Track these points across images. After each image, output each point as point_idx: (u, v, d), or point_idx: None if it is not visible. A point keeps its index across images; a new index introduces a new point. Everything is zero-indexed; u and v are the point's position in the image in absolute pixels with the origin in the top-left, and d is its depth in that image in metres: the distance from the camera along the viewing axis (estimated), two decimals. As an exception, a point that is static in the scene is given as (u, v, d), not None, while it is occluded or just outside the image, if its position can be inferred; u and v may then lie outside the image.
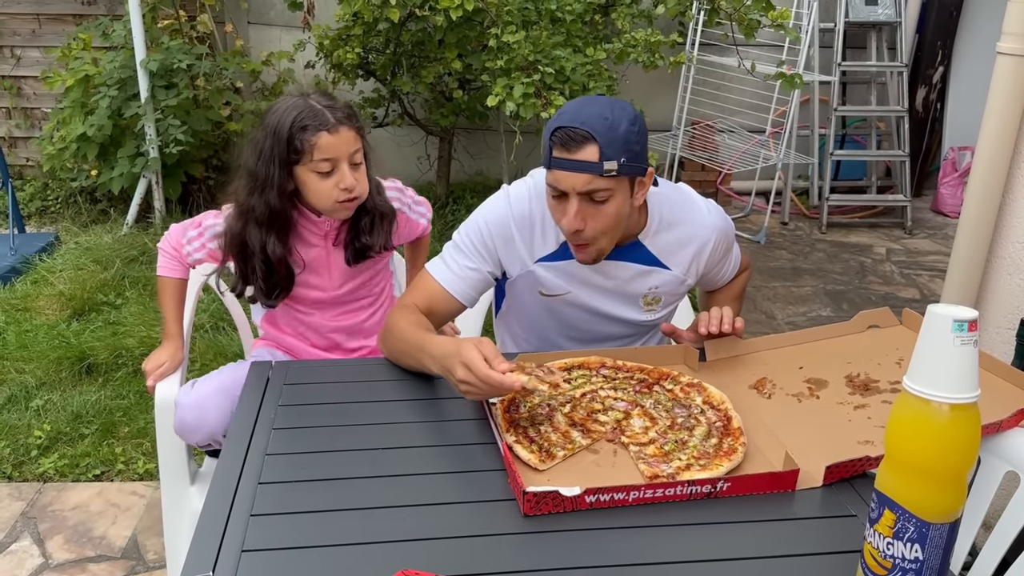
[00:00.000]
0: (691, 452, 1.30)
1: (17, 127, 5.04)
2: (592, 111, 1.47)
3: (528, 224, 1.67)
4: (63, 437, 2.75)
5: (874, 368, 1.54)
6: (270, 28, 4.91)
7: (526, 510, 1.16)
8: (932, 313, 0.92)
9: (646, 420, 1.40)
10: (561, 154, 1.47)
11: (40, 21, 4.86)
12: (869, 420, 1.38)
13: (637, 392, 1.48)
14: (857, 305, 3.91)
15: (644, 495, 1.19)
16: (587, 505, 1.17)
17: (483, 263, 1.69)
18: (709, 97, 4.84)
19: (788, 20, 3.54)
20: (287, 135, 1.64)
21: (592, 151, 1.45)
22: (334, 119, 1.65)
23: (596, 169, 1.46)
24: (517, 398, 1.44)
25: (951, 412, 0.91)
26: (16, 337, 3.30)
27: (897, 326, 1.69)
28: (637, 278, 1.70)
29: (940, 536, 0.94)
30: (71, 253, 4.08)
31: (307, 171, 1.68)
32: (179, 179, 4.46)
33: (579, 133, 1.45)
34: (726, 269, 1.86)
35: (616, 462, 1.29)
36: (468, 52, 3.92)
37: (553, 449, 1.30)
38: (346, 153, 1.68)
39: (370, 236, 1.82)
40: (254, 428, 1.37)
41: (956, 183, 5.10)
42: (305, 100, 1.68)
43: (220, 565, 1.05)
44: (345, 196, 1.69)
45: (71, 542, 2.33)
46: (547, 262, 1.68)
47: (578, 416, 1.40)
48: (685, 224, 1.71)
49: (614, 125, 1.46)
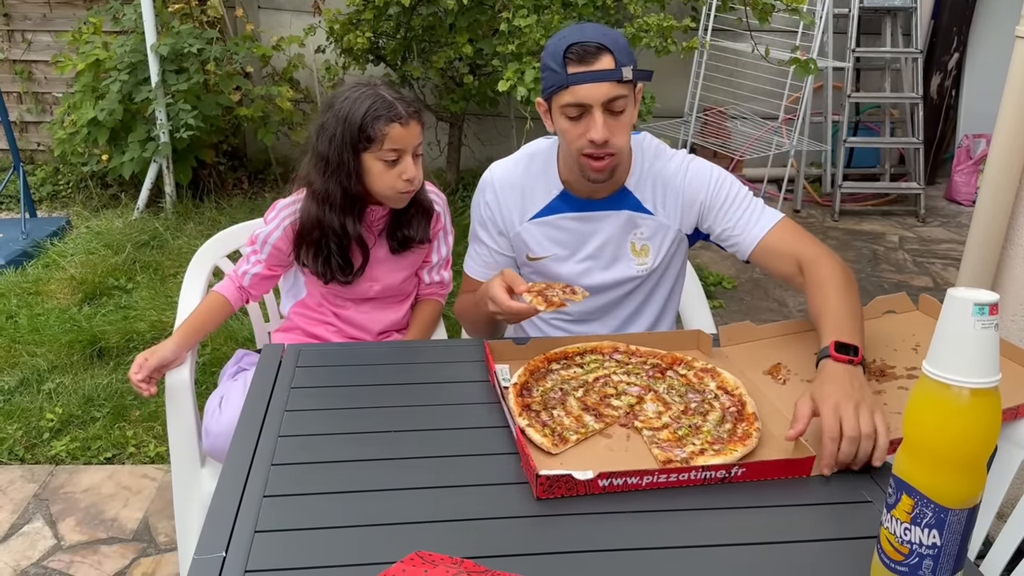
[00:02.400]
0: (705, 437, 1.29)
1: (28, 112, 5.04)
2: (592, 29, 1.55)
3: (517, 187, 1.75)
4: (75, 420, 2.77)
5: (890, 354, 1.52)
6: (280, 13, 4.89)
7: (539, 493, 1.15)
8: (952, 297, 0.91)
9: (659, 405, 1.39)
10: (579, 68, 1.52)
11: (51, 5, 4.85)
12: (886, 406, 1.35)
13: (650, 377, 1.47)
14: (870, 293, 3.87)
15: (658, 480, 1.18)
16: (600, 489, 1.17)
17: (489, 246, 1.81)
18: (722, 83, 4.81)
19: (803, 5, 3.51)
20: (360, 123, 1.69)
21: (608, 60, 1.52)
22: (405, 112, 1.71)
23: (616, 76, 1.52)
24: (530, 382, 1.43)
25: (971, 397, 0.89)
26: (28, 321, 3.31)
27: (914, 311, 1.67)
28: (624, 226, 1.73)
29: (958, 522, 0.93)
30: (82, 237, 4.09)
31: (373, 159, 1.73)
32: (189, 164, 4.47)
33: (593, 45, 1.51)
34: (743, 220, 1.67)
35: (629, 447, 1.29)
36: (479, 37, 3.90)
37: (566, 433, 1.30)
38: (412, 145, 1.74)
39: (411, 228, 1.88)
40: (267, 410, 1.37)
41: (970, 171, 5.06)
42: (375, 90, 1.72)
43: (233, 546, 1.05)
44: (406, 187, 1.76)
45: (83, 524, 2.34)
46: (537, 218, 1.75)
47: (591, 401, 1.39)
48: (661, 167, 1.72)
49: (616, 37, 1.55)
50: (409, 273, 1.96)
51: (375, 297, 1.93)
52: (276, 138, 4.57)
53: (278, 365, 1.53)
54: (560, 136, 1.65)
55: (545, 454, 1.25)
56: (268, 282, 1.90)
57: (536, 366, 1.48)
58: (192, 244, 4.00)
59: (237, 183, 4.82)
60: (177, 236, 4.11)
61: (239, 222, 2.18)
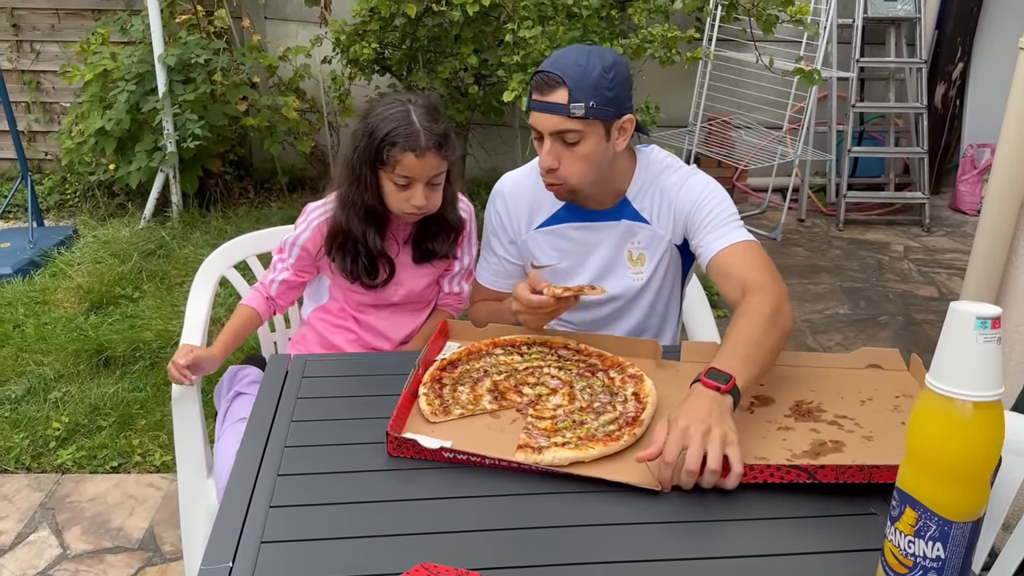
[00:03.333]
0: (579, 432, 1.32)
1: (36, 121, 5.07)
2: (569, 58, 1.57)
3: (526, 196, 1.80)
4: (81, 429, 2.78)
5: (833, 400, 1.43)
6: (287, 23, 4.92)
7: (390, 450, 1.28)
8: (954, 310, 0.91)
9: (564, 399, 1.42)
10: (536, 96, 1.59)
11: (59, 16, 4.89)
12: (783, 442, 1.31)
13: (578, 374, 1.50)
14: (874, 303, 3.89)
15: (499, 463, 1.25)
16: (444, 458, 1.26)
17: (499, 254, 1.86)
18: (726, 93, 4.82)
19: (807, 16, 3.52)
20: (378, 143, 1.70)
21: (562, 94, 1.55)
22: (425, 144, 1.68)
23: (563, 111, 1.56)
24: (461, 360, 1.53)
25: (974, 410, 0.90)
26: (35, 329, 3.33)
27: (902, 371, 1.54)
28: (622, 235, 1.76)
29: (962, 535, 0.93)
30: (89, 246, 4.11)
31: (386, 178, 1.75)
32: (196, 173, 4.49)
33: (551, 77, 1.56)
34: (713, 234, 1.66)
35: (506, 428, 1.35)
36: (484, 47, 3.91)
37: (452, 407, 1.37)
38: (425, 176, 1.72)
39: (434, 242, 1.89)
40: (273, 420, 1.38)
41: (975, 180, 5.06)
42: (408, 112, 1.70)
43: (240, 556, 1.06)
44: (413, 210, 1.76)
45: (89, 533, 2.35)
46: (543, 227, 1.80)
47: (504, 386, 1.45)
48: (663, 180, 1.74)
49: (587, 71, 1.55)
50: (431, 280, 1.98)
51: (398, 303, 1.94)
52: (282, 148, 4.59)
53: (284, 375, 1.54)
54: None
55: (424, 421, 1.35)
56: (294, 291, 1.93)
57: (479, 348, 1.57)
58: (198, 253, 4.01)
59: (243, 192, 4.84)
60: (183, 245, 4.13)
61: (245, 231, 2.19)
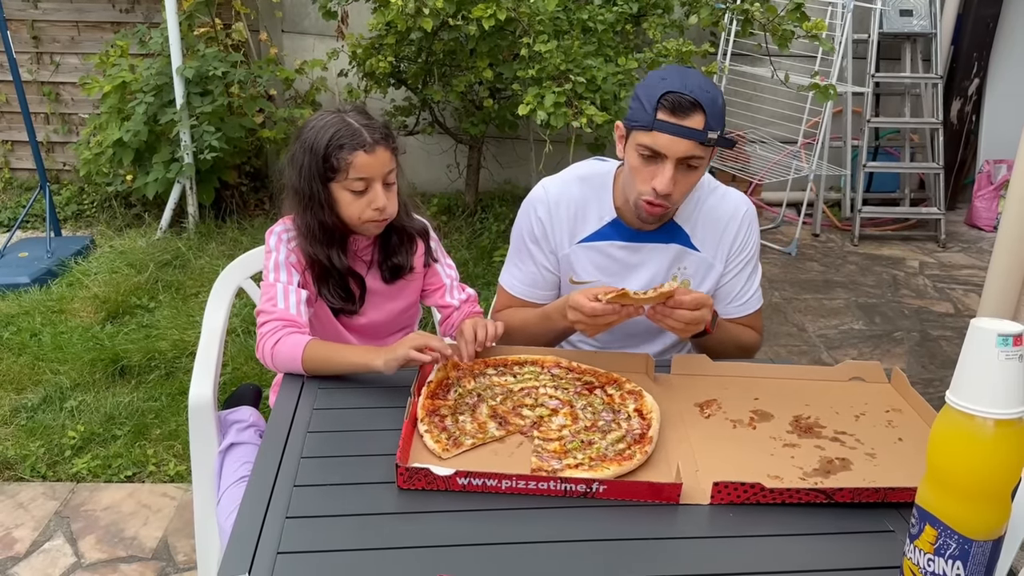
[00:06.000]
0: (590, 453, 1.31)
1: (55, 132, 5.13)
2: (695, 81, 1.51)
3: (571, 207, 1.74)
4: (96, 438, 2.79)
5: (830, 416, 1.48)
6: (304, 37, 4.96)
7: (399, 483, 1.22)
8: (976, 327, 0.91)
9: (568, 419, 1.41)
10: (668, 118, 1.51)
11: (79, 28, 4.95)
12: (792, 459, 1.34)
13: (576, 393, 1.49)
14: (890, 319, 3.87)
15: (516, 485, 1.22)
16: (459, 487, 1.22)
17: (538, 262, 1.78)
18: (740, 107, 4.82)
19: (823, 31, 3.52)
20: (323, 152, 1.62)
21: (699, 120, 1.50)
22: (371, 139, 1.62)
23: (700, 137, 1.51)
24: (451, 381, 1.50)
25: (996, 428, 0.89)
26: (51, 338, 3.35)
27: (884, 384, 1.61)
28: (672, 260, 1.73)
29: (983, 553, 0.92)
30: (106, 257, 4.15)
31: (340, 189, 1.65)
32: (213, 185, 4.52)
33: (689, 100, 1.49)
34: (746, 273, 1.78)
35: (515, 452, 1.33)
36: (499, 61, 3.93)
37: (462, 438, 1.34)
38: (380, 173, 1.65)
39: (398, 256, 1.80)
40: (289, 431, 1.38)
41: (991, 196, 5.03)
42: (342, 117, 1.65)
43: (256, 566, 1.06)
44: (376, 216, 1.67)
45: (103, 542, 2.36)
46: (585, 242, 1.74)
47: (502, 409, 1.43)
48: (715, 206, 1.73)
49: (715, 98, 1.52)
50: (410, 302, 1.89)
51: (378, 328, 1.85)
52: (298, 160, 4.61)
53: (300, 387, 1.54)
54: (627, 169, 1.64)
55: (436, 458, 1.30)
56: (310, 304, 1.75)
57: (472, 367, 1.54)
58: (214, 264, 4.04)
59: (259, 204, 4.87)
60: (199, 256, 4.15)
61: (260, 243, 2.19)
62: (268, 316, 1.63)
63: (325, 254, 1.70)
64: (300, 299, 1.67)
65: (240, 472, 1.66)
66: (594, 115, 3.35)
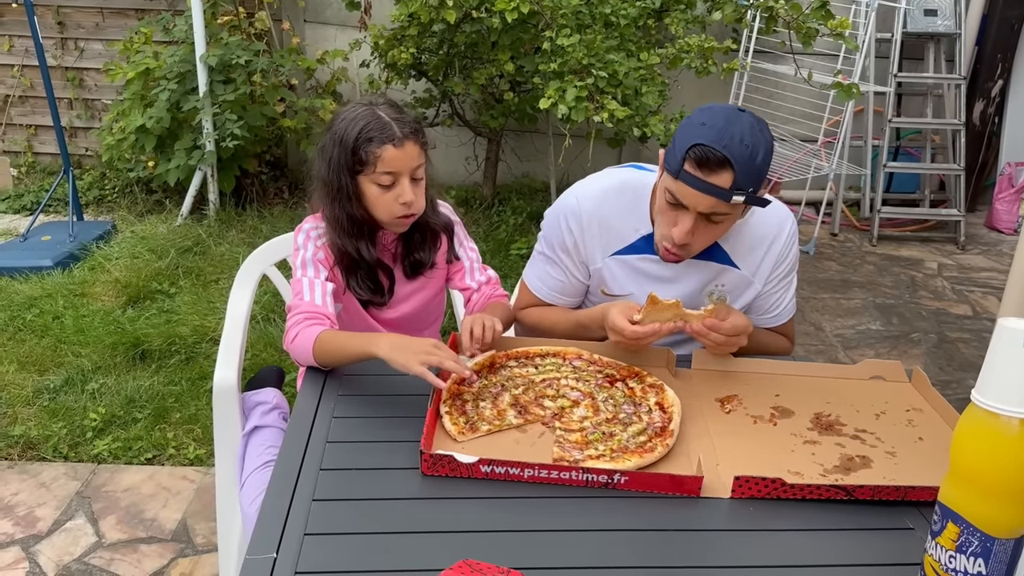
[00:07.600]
0: (612, 444, 1.33)
1: (78, 117, 5.17)
2: (738, 130, 1.43)
3: (604, 221, 1.69)
4: (117, 420, 2.82)
5: (850, 414, 1.49)
6: (326, 27, 4.98)
7: (423, 469, 1.24)
8: (1002, 327, 0.91)
9: (590, 411, 1.42)
10: (694, 171, 1.45)
11: (104, 15, 4.98)
12: (812, 456, 1.34)
13: (598, 385, 1.51)
14: (907, 320, 3.86)
15: (539, 474, 1.23)
16: (482, 474, 1.23)
17: (568, 271, 1.75)
18: (761, 105, 4.80)
19: (847, 29, 3.50)
20: (352, 145, 1.62)
21: (726, 178, 1.44)
22: (401, 133, 1.62)
23: (725, 196, 1.45)
24: (482, 371, 1.51)
25: (1021, 427, 0.90)
26: (73, 321, 3.39)
27: (904, 383, 1.62)
28: (709, 277, 1.70)
29: (1005, 551, 0.93)
30: (127, 242, 4.18)
31: (368, 182, 1.65)
32: (233, 173, 4.55)
33: (718, 156, 1.42)
34: (783, 286, 1.77)
35: (536, 442, 1.34)
36: (521, 55, 3.94)
37: (479, 423, 1.36)
38: (409, 168, 1.65)
39: (421, 252, 1.80)
40: (315, 416, 1.40)
41: (1012, 199, 5.00)
42: (372, 110, 1.65)
43: (283, 547, 1.08)
44: (404, 211, 1.67)
45: (123, 523, 2.39)
46: (621, 255, 1.71)
47: (524, 399, 1.45)
48: (757, 223, 1.69)
49: (753, 154, 1.43)
50: (434, 293, 1.89)
51: (405, 321, 1.86)
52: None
53: (326, 373, 1.56)
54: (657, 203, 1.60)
55: (452, 440, 1.32)
56: (337, 296, 1.75)
57: (494, 360, 1.55)
58: (234, 251, 4.07)
59: (278, 192, 4.90)
60: (219, 243, 4.18)
61: (280, 231, 2.21)
62: (295, 311, 1.64)
63: (354, 246, 1.71)
64: (326, 291, 1.67)
65: (264, 457, 1.68)
66: (615, 110, 3.35)
